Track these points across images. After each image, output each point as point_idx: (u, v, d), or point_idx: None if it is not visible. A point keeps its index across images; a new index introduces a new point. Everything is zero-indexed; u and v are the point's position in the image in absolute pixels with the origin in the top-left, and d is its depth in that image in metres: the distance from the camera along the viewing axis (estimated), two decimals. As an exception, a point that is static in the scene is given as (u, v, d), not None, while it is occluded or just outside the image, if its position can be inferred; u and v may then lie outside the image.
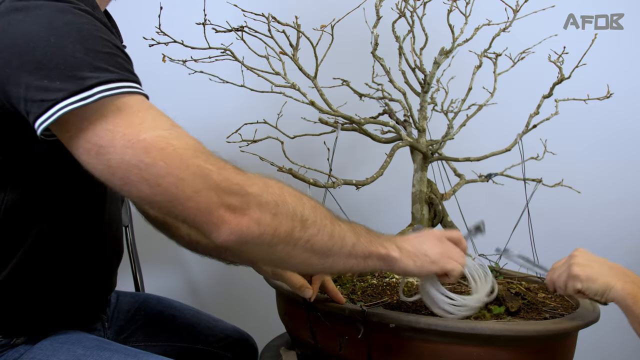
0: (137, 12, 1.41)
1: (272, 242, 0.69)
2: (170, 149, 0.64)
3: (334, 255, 0.75)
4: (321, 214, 0.74)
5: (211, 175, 0.65)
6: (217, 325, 1.19)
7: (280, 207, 0.69)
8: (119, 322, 1.09)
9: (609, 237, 1.71)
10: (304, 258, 0.74)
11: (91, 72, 0.65)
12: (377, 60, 1.13)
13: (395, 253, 0.80)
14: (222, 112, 1.64)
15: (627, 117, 1.70)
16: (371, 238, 0.80)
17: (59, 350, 0.83)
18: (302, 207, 0.72)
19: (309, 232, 0.72)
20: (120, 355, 0.83)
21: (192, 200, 0.64)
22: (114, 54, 0.69)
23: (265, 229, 0.68)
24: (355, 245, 0.77)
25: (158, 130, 0.65)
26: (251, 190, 0.67)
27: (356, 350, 0.89)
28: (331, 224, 0.74)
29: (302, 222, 0.71)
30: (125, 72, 0.69)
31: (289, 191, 0.72)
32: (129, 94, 0.66)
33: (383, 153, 1.10)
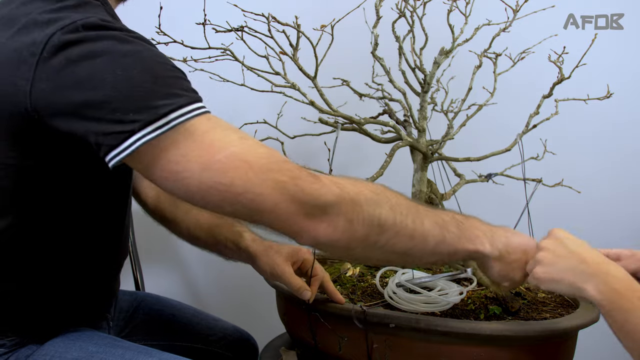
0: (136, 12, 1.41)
1: (349, 246, 0.71)
2: (245, 166, 0.66)
3: (414, 254, 0.76)
4: (402, 214, 0.73)
5: (287, 187, 0.67)
6: (217, 324, 1.19)
7: (356, 214, 0.70)
8: (119, 321, 1.09)
9: (609, 237, 1.71)
10: (383, 257, 0.76)
11: (162, 99, 0.65)
12: (377, 60, 1.13)
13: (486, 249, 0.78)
14: (222, 112, 1.64)
15: (627, 117, 1.70)
16: (461, 232, 0.77)
17: (71, 347, 0.83)
18: (379, 210, 0.72)
19: (386, 235, 0.72)
20: (133, 352, 0.83)
21: (272, 212, 0.67)
22: (178, 77, 0.70)
23: (341, 235, 0.70)
24: (439, 244, 0.76)
25: (230, 148, 0.66)
26: (326, 198, 0.68)
27: (356, 350, 0.89)
28: (412, 224, 0.74)
29: (380, 226, 0.71)
30: (191, 92, 0.70)
31: (366, 193, 0.72)
32: (198, 115, 0.67)
33: (383, 153, 1.10)
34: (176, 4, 1.24)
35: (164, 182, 0.68)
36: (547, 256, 0.76)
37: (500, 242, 0.80)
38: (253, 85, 1.10)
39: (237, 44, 1.05)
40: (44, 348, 0.83)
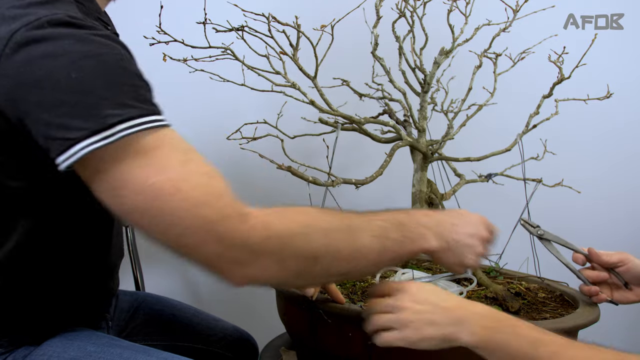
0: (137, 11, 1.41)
1: (284, 282, 0.71)
2: (178, 196, 0.63)
3: (357, 270, 0.74)
4: (336, 238, 0.70)
5: (215, 227, 0.63)
6: (217, 324, 1.19)
7: (286, 251, 0.67)
8: (119, 321, 1.09)
9: (609, 237, 1.71)
10: (323, 281, 0.75)
11: (113, 109, 0.63)
12: (377, 60, 1.13)
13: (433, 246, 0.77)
14: (222, 112, 1.64)
15: (627, 117, 1.70)
16: (404, 236, 0.75)
17: (69, 347, 0.83)
18: (311, 242, 0.68)
19: (322, 264, 0.69)
20: (131, 352, 0.83)
21: (197, 251, 0.64)
22: (136, 86, 0.67)
23: (273, 275, 0.67)
24: (381, 255, 0.73)
25: (167, 172, 0.64)
26: (254, 240, 0.65)
27: (356, 350, 0.89)
28: (349, 246, 0.71)
29: (314, 258, 0.69)
30: (146, 104, 0.67)
31: (294, 228, 0.68)
32: (148, 129, 0.65)
33: (383, 153, 1.10)
34: (177, 3, 1.24)
35: (103, 196, 0.66)
36: (409, 317, 0.72)
37: (446, 231, 0.79)
38: (253, 84, 1.10)
39: (238, 44, 1.05)
40: (41, 348, 0.83)
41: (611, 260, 0.94)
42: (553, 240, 1.01)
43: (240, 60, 1.04)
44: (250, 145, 1.15)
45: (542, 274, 1.13)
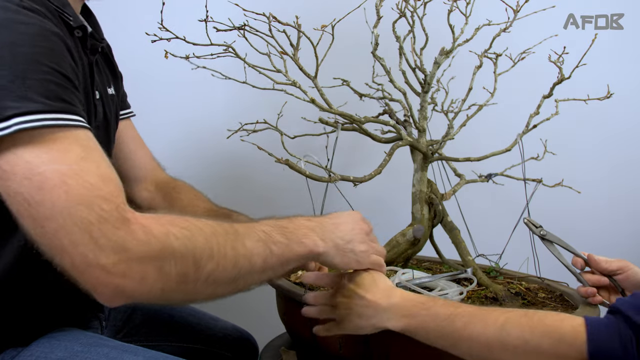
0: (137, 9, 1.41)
1: (165, 292, 0.64)
2: (62, 189, 0.60)
3: (243, 277, 0.70)
4: (219, 242, 0.67)
5: (91, 229, 0.59)
6: (216, 324, 1.19)
7: (166, 258, 0.63)
8: (116, 321, 1.09)
9: (609, 237, 1.71)
10: (210, 292, 0.68)
11: (13, 101, 0.62)
12: (378, 60, 1.13)
13: (320, 248, 0.77)
14: (222, 112, 1.64)
15: (627, 117, 1.70)
16: (288, 239, 0.74)
17: (56, 347, 0.82)
18: (193, 245, 0.65)
19: (206, 270, 0.66)
20: (118, 351, 0.82)
21: (68, 254, 0.60)
22: (47, 80, 0.65)
23: (152, 284, 0.62)
24: (268, 259, 0.71)
25: (60, 163, 0.61)
26: (131, 245, 0.61)
27: (356, 350, 0.89)
28: (233, 250, 0.68)
29: (195, 263, 0.65)
30: (55, 100, 0.65)
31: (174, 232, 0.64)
32: (50, 127, 0.63)
33: (382, 152, 1.10)
34: (178, 1, 1.23)
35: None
36: (343, 313, 0.81)
37: (329, 231, 0.79)
38: (254, 83, 1.10)
39: (239, 42, 1.05)
40: (29, 349, 0.82)
41: (610, 268, 0.94)
42: (555, 241, 1.01)
43: (241, 58, 1.04)
44: (250, 138, 1.15)
45: (542, 274, 1.13)
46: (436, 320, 0.72)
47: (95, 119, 0.90)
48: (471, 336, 0.68)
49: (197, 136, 1.67)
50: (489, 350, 0.67)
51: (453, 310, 0.72)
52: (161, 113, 1.61)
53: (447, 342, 0.72)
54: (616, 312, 0.63)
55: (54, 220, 0.59)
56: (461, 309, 0.71)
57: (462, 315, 0.70)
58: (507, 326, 0.66)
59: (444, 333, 0.71)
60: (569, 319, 0.65)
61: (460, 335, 0.69)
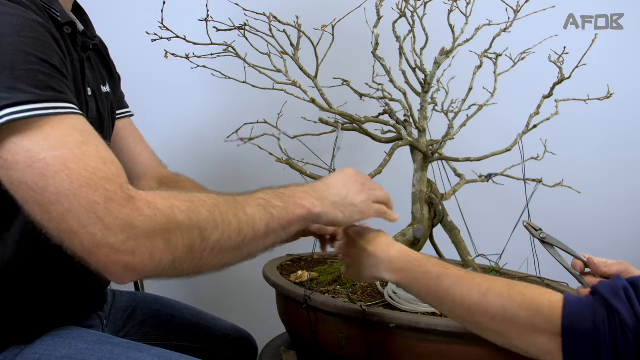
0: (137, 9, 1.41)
1: (175, 265, 0.65)
2: (65, 173, 0.61)
3: (249, 243, 0.72)
4: (222, 212, 0.69)
5: (97, 209, 0.61)
6: (216, 324, 1.19)
7: (172, 230, 0.64)
8: (116, 320, 1.09)
9: (609, 237, 1.71)
10: (217, 261, 0.70)
11: (3, 92, 0.63)
12: (378, 60, 1.13)
13: (317, 208, 0.78)
14: (222, 112, 1.64)
15: (627, 117, 1.70)
16: (286, 202, 0.76)
17: (60, 345, 0.82)
18: (197, 217, 0.66)
19: (212, 239, 0.67)
20: (123, 349, 0.82)
21: (77, 236, 0.61)
22: (35, 70, 0.66)
23: (162, 257, 0.63)
24: (270, 223, 0.73)
25: (61, 149, 0.62)
26: (138, 222, 0.62)
27: (356, 350, 0.89)
28: (235, 218, 0.70)
29: (201, 234, 0.66)
30: (45, 90, 0.66)
31: (179, 206, 0.66)
32: (41, 116, 0.64)
33: (383, 152, 1.10)
34: (178, 1, 1.23)
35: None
36: (347, 260, 0.88)
37: (323, 191, 0.81)
38: (254, 83, 1.10)
39: (239, 42, 1.05)
40: (32, 347, 0.82)
41: (610, 271, 0.94)
42: (555, 244, 1.01)
43: (241, 58, 1.04)
44: (249, 143, 1.15)
45: (542, 274, 1.13)
46: (426, 278, 0.76)
47: (88, 115, 0.90)
48: (455, 298, 0.71)
49: (197, 136, 1.67)
50: (469, 313, 0.70)
51: (443, 271, 0.75)
52: (161, 113, 1.61)
53: (434, 299, 0.75)
54: (595, 293, 0.66)
55: (60, 205, 0.60)
56: (450, 270, 0.75)
57: (449, 276, 0.74)
58: (489, 293, 0.69)
59: (432, 291, 0.75)
60: (548, 293, 0.67)
61: (446, 295, 0.73)
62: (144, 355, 0.82)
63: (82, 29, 0.92)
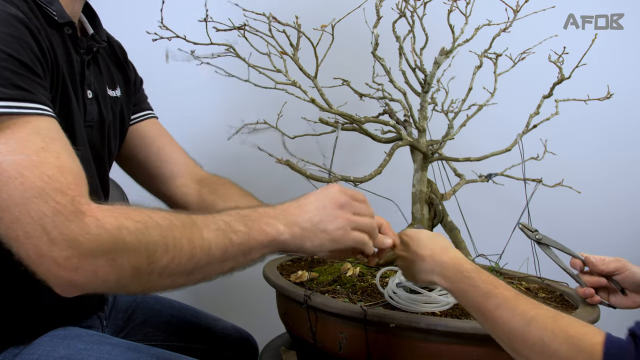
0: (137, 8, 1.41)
1: (120, 284, 0.64)
2: (19, 180, 0.60)
3: (203, 268, 0.69)
4: (174, 236, 0.66)
5: (45, 222, 0.60)
6: (216, 324, 1.19)
7: (118, 251, 0.62)
8: (117, 321, 1.09)
9: (609, 237, 1.71)
10: (167, 283, 0.68)
11: None
12: (378, 60, 1.13)
13: (283, 235, 0.73)
14: (222, 112, 1.64)
15: (627, 118, 1.70)
16: (249, 228, 0.72)
17: (59, 346, 0.82)
18: (146, 239, 0.64)
19: (160, 263, 0.65)
20: (122, 349, 0.82)
21: (22, 245, 0.60)
22: (2, 67, 0.65)
23: (105, 277, 0.62)
24: (228, 249, 0.70)
25: (18, 154, 0.61)
26: (83, 239, 0.61)
27: (356, 350, 0.89)
28: (189, 242, 0.67)
29: (148, 257, 0.64)
30: (10, 88, 0.65)
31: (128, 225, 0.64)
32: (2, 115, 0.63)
33: (383, 152, 1.10)
34: (178, 2, 1.23)
35: None
36: (402, 264, 0.87)
37: (293, 215, 0.75)
38: (254, 83, 1.10)
39: (239, 42, 1.05)
40: (31, 347, 0.82)
41: (607, 269, 0.95)
42: (551, 245, 1.01)
43: (241, 58, 1.04)
44: (250, 140, 1.15)
45: (542, 274, 1.13)
46: (474, 292, 0.74)
47: (86, 118, 0.89)
48: (497, 320, 0.70)
49: (196, 136, 1.67)
50: (509, 339, 0.69)
51: (491, 289, 0.73)
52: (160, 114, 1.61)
53: (478, 316, 0.74)
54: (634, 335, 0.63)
55: (10, 212, 0.60)
56: (498, 290, 0.73)
57: (496, 296, 0.72)
58: (533, 323, 0.67)
59: (477, 307, 0.74)
60: (591, 333, 0.65)
61: (490, 315, 0.71)
62: (142, 356, 0.82)
63: (91, 32, 0.91)
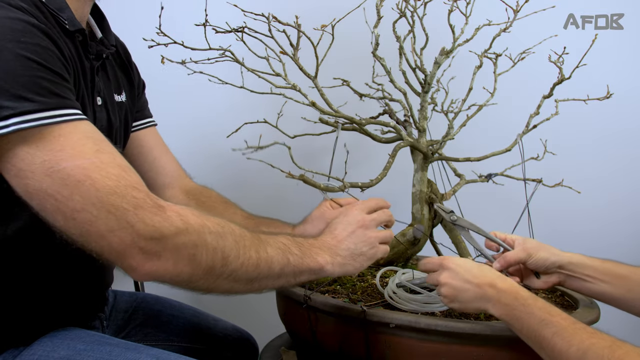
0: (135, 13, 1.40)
1: (191, 280, 0.69)
2: (88, 182, 0.63)
3: (261, 280, 0.76)
4: (245, 245, 0.73)
5: (126, 215, 0.64)
6: (216, 324, 1.19)
7: (199, 248, 0.68)
8: (117, 321, 1.09)
9: (609, 237, 1.71)
10: (227, 287, 0.74)
11: (8, 100, 0.63)
12: (378, 60, 1.13)
13: (329, 266, 0.82)
14: (222, 111, 1.64)
15: (627, 118, 1.70)
16: (303, 253, 0.80)
17: (59, 346, 0.82)
18: (223, 243, 0.70)
19: (231, 267, 0.71)
20: (121, 349, 0.83)
21: (105, 239, 0.64)
22: (38, 77, 0.66)
23: (182, 270, 0.67)
24: (285, 267, 0.77)
25: (79, 159, 0.64)
26: (168, 232, 0.66)
27: (356, 350, 0.89)
28: (256, 254, 0.74)
29: (223, 259, 0.70)
30: (49, 96, 0.66)
31: (209, 227, 0.70)
32: (48, 124, 0.64)
33: (383, 152, 1.10)
34: (176, 5, 1.23)
35: (7, 175, 0.66)
36: (449, 291, 0.84)
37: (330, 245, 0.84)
38: (253, 86, 1.10)
39: (237, 46, 1.05)
40: (31, 348, 0.83)
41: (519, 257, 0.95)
42: (466, 226, 1.02)
43: (240, 62, 1.04)
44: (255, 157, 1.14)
45: (542, 274, 1.13)
46: (529, 320, 0.74)
47: (96, 125, 0.90)
48: (554, 349, 0.70)
49: (197, 136, 1.67)
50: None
51: (547, 317, 0.73)
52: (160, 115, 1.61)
53: (534, 343, 0.74)
54: None
55: (87, 212, 0.63)
56: (554, 318, 0.73)
57: (553, 324, 0.72)
58: (589, 354, 0.67)
59: (532, 335, 0.74)
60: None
61: (546, 343, 0.71)
62: (141, 356, 0.82)
63: (99, 35, 0.91)
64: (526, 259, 0.95)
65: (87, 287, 0.94)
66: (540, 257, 0.94)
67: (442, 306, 0.93)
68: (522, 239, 0.97)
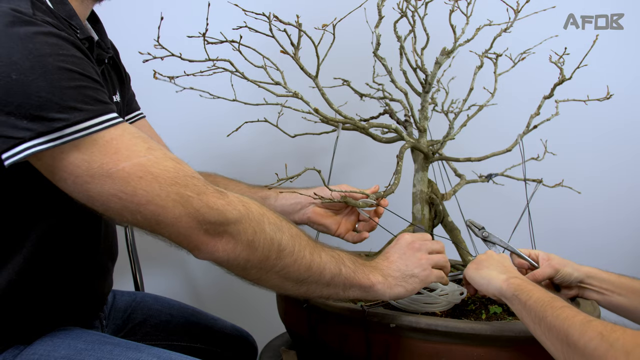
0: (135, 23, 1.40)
1: (245, 266, 0.72)
2: (150, 177, 0.66)
3: (310, 284, 0.78)
4: (301, 244, 0.76)
5: (191, 201, 0.68)
6: (216, 324, 1.19)
7: (258, 235, 0.71)
8: (116, 320, 1.09)
9: (609, 237, 1.72)
10: (277, 283, 0.76)
11: (59, 112, 0.64)
12: (379, 60, 1.13)
13: (380, 285, 0.82)
14: (222, 111, 1.64)
15: (627, 118, 1.70)
16: (356, 267, 0.81)
17: (59, 346, 0.83)
18: (280, 235, 0.74)
19: (284, 261, 0.74)
20: (122, 349, 0.83)
21: (173, 226, 0.68)
22: (82, 87, 0.68)
23: (240, 253, 0.71)
24: (335, 277, 0.79)
25: (135, 158, 0.67)
26: (230, 216, 0.70)
27: (356, 350, 0.89)
28: (310, 255, 0.76)
29: (279, 251, 0.73)
30: (95, 104, 0.68)
31: (269, 218, 0.74)
32: (98, 131, 0.67)
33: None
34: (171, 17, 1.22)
35: (64, 184, 0.68)
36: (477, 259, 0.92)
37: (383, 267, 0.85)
38: (251, 93, 1.09)
39: (233, 56, 1.03)
40: (32, 347, 0.83)
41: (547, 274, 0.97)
42: (497, 243, 1.03)
43: (240, 73, 1.02)
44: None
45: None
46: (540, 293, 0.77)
47: None
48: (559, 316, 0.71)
49: (198, 137, 1.67)
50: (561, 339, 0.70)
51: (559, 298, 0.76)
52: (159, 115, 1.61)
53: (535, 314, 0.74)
54: None
55: (153, 203, 0.67)
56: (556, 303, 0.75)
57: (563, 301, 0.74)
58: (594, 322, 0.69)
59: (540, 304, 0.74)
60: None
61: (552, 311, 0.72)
62: (143, 355, 0.82)
63: (96, 38, 0.91)
64: (554, 275, 0.96)
65: (87, 288, 0.94)
66: (566, 273, 0.96)
67: (443, 306, 0.93)
68: (546, 254, 0.99)
